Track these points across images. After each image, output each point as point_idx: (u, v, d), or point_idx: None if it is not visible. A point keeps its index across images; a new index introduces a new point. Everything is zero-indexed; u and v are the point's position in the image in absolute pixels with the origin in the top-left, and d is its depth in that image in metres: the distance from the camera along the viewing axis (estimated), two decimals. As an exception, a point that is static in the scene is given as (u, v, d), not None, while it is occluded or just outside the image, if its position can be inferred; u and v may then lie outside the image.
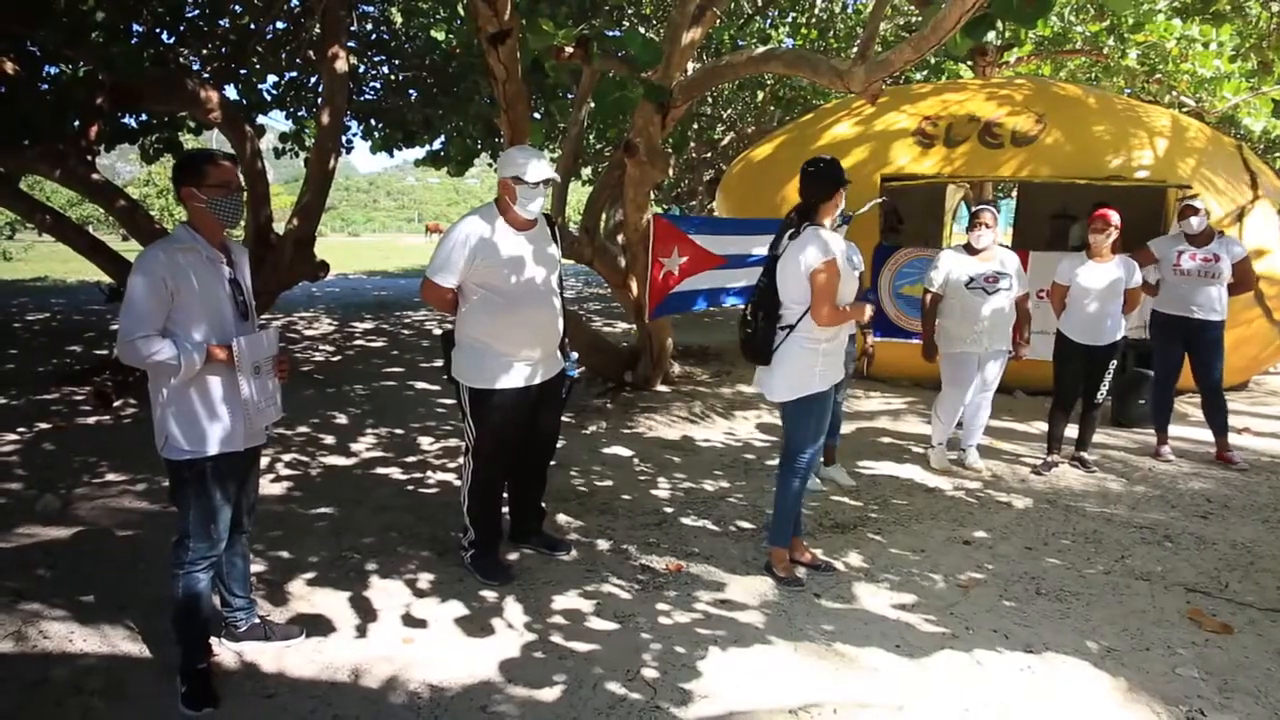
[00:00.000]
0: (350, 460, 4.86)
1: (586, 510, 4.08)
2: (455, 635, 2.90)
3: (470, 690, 2.56)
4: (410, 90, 9.67)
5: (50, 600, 3.04)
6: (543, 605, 3.10)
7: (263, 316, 8.43)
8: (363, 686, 2.59)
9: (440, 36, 7.83)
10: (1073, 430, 4.92)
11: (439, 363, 3.99)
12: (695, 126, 13.07)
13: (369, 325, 10.55)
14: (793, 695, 2.54)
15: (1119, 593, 3.26)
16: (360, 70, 9.83)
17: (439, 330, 9.77)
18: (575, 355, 3.54)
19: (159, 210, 23.09)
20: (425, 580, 3.29)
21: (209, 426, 2.41)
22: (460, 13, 7.60)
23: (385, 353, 8.53)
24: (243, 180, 3.53)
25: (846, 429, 5.15)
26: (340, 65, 6.76)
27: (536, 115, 7.83)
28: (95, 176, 6.71)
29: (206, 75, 7.90)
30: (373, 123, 10.07)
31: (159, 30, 7.35)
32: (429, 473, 4.64)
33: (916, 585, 3.31)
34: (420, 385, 6.96)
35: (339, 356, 8.27)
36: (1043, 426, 5.06)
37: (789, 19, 11.33)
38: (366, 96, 10.10)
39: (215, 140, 14.28)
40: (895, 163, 6.70)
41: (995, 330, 4.56)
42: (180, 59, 7.65)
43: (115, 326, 2.79)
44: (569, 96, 8.09)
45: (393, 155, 10.65)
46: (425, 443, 5.23)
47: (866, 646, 2.83)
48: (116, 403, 5.83)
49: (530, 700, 2.52)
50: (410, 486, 4.42)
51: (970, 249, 4.62)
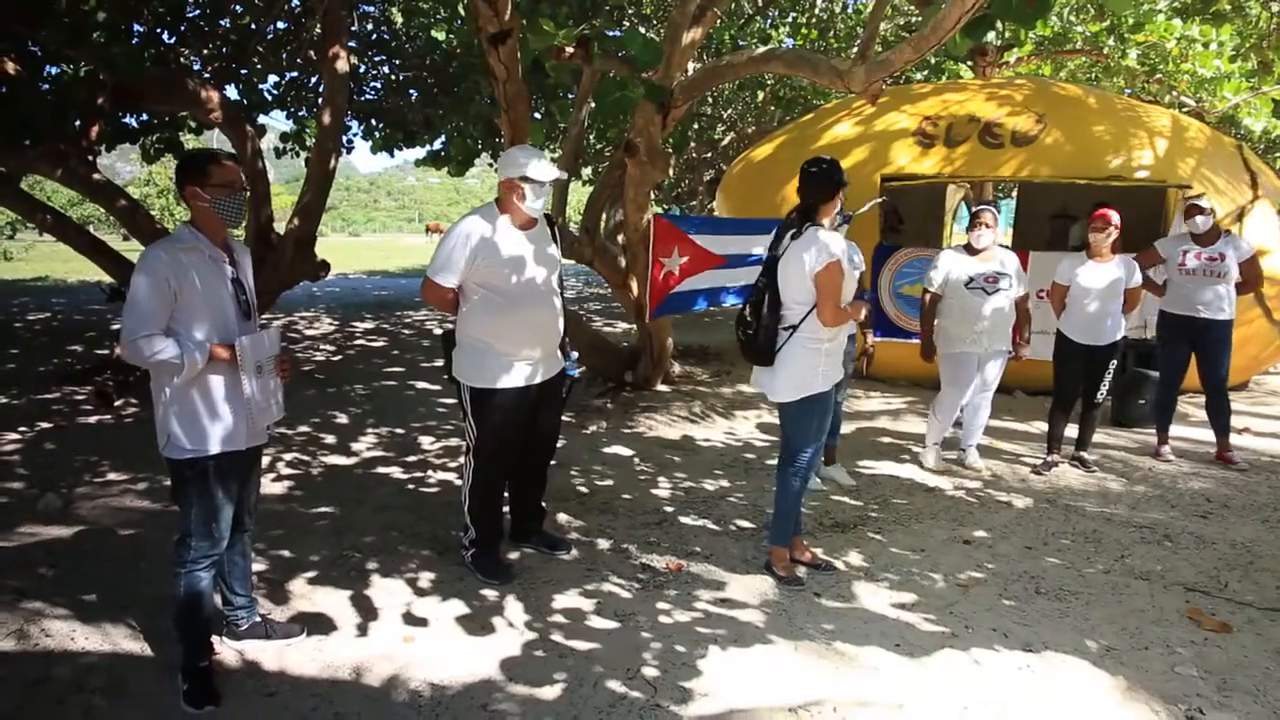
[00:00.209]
0: (351, 459, 4.87)
1: (587, 509, 4.09)
2: (456, 634, 2.90)
3: (471, 688, 2.57)
4: (411, 90, 9.68)
5: (52, 599, 3.05)
6: (543, 604, 3.10)
7: (264, 316, 8.44)
8: (364, 685, 2.60)
9: (441, 36, 7.84)
10: (1073, 430, 4.93)
11: (439, 362, 3.99)
12: (695, 126, 13.07)
13: (369, 325, 10.56)
14: (793, 694, 2.55)
15: (1118, 592, 3.27)
16: (361, 70, 9.84)
17: (439, 330, 9.78)
18: (575, 355, 3.55)
19: (159, 210, 23.16)
20: (426, 579, 3.30)
21: (211, 425, 2.42)
22: (461, 13, 7.61)
23: (386, 352, 8.54)
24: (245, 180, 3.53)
25: (846, 429, 5.16)
26: (341, 65, 6.77)
27: (537, 115, 7.85)
28: (96, 176, 6.71)
29: (207, 75, 7.91)
30: (373, 123, 10.08)
31: (160, 30, 7.36)
32: (430, 472, 4.65)
33: (916, 584, 3.32)
34: (421, 385, 6.96)
35: (340, 356, 8.28)
36: (1043, 426, 5.06)
37: (789, 19, 11.33)
38: (367, 96, 10.11)
39: (216, 140, 14.28)
40: (895, 163, 6.70)
41: (995, 330, 4.56)
42: (181, 59, 7.66)
43: (116, 326, 2.80)
44: (569, 96, 8.10)
45: (393, 155, 10.67)
46: (426, 442, 5.24)
47: (866, 645, 2.84)
48: (117, 402, 5.84)
49: (531, 698, 2.52)
50: (411, 486, 4.43)
51: (970, 249, 4.62)
